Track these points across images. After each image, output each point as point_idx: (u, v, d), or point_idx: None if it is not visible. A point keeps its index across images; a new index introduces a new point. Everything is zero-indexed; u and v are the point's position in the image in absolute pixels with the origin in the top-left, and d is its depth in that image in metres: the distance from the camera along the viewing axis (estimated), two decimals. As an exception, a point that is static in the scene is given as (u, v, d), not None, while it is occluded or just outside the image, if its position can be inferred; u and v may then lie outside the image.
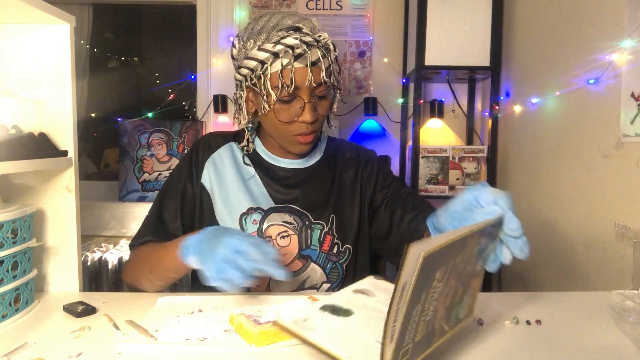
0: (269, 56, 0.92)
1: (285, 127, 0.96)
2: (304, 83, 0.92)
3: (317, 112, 0.96)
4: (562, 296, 0.94)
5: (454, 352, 0.67)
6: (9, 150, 0.77)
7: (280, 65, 0.91)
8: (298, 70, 0.91)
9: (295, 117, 0.94)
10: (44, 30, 0.91)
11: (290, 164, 1.06)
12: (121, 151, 2.16)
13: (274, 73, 0.92)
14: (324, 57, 0.94)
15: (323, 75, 0.93)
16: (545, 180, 1.61)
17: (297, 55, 0.91)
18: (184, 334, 0.70)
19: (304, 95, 0.93)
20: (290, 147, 1.00)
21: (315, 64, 0.92)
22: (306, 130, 0.96)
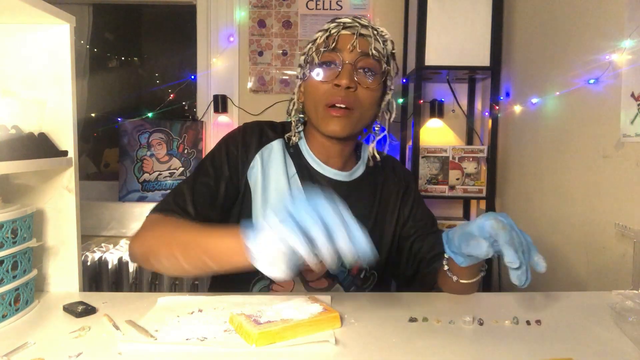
0: (321, 33, 0.94)
1: (322, 93, 0.91)
2: (347, 45, 0.90)
3: (356, 81, 0.91)
4: (562, 296, 0.94)
5: (453, 352, 0.67)
6: (9, 150, 0.77)
7: (328, 33, 0.92)
8: (343, 35, 0.91)
9: (331, 79, 0.91)
10: (44, 30, 0.91)
11: (335, 175, 1.00)
12: (121, 151, 2.16)
13: (321, 42, 0.93)
14: (377, 40, 0.92)
15: (372, 47, 0.91)
16: (545, 180, 1.61)
17: (346, 25, 0.91)
18: (184, 334, 0.70)
19: (344, 56, 0.91)
20: (323, 123, 0.93)
21: (364, 36, 0.91)
22: (339, 98, 0.90)
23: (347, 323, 0.76)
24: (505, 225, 0.72)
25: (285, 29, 2.33)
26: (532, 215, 1.71)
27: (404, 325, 0.76)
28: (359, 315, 0.79)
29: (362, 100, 0.92)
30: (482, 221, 0.74)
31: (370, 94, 0.93)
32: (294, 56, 2.35)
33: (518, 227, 0.75)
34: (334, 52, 0.91)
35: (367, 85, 0.92)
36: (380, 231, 1.02)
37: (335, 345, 0.67)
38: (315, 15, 2.31)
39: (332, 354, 0.66)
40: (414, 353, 0.66)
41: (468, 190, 2.03)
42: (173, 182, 2.16)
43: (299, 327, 0.69)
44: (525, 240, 0.74)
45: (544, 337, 0.72)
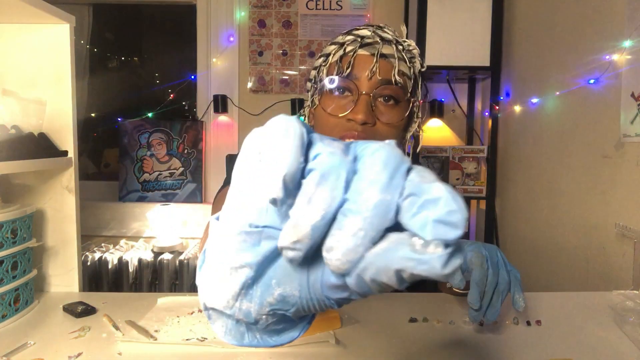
0: (335, 47, 0.78)
1: (333, 126, 0.77)
2: (365, 71, 0.74)
3: (375, 116, 0.75)
4: (562, 296, 0.94)
5: (453, 351, 0.67)
6: (9, 150, 0.77)
7: (343, 52, 0.76)
8: (361, 57, 0.75)
9: (345, 111, 0.75)
10: (44, 30, 0.91)
11: None
12: (121, 151, 2.16)
13: (334, 62, 0.77)
14: (402, 60, 0.76)
15: (395, 72, 0.75)
16: (545, 180, 1.61)
17: (364, 43, 0.75)
18: (184, 334, 0.70)
19: (361, 86, 0.75)
20: None
21: (385, 57, 0.75)
22: (354, 133, 0.74)
23: (347, 323, 0.76)
24: (483, 263, 0.65)
25: (285, 29, 2.33)
26: (532, 215, 1.71)
27: (404, 325, 0.76)
28: (359, 315, 0.79)
29: (382, 136, 0.76)
30: (466, 251, 0.68)
31: (391, 130, 0.77)
32: (294, 56, 2.35)
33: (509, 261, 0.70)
34: (350, 79, 0.75)
35: (388, 120, 0.76)
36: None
37: (335, 345, 0.67)
38: (315, 15, 2.31)
39: (332, 354, 0.66)
40: (414, 353, 0.66)
41: (468, 190, 2.03)
42: (173, 182, 2.16)
43: (299, 327, 0.69)
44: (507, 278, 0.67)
45: (544, 337, 0.72)
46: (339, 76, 0.76)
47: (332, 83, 0.76)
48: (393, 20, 2.27)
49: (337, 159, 0.22)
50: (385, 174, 0.23)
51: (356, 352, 0.66)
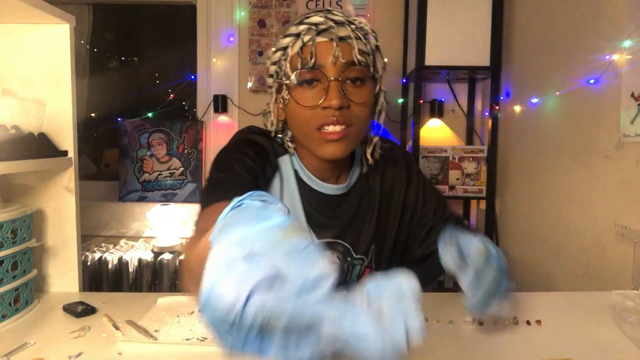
0: (291, 39, 0.78)
1: (309, 117, 0.78)
2: (328, 58, 0.75)
3: (348, 98, 0.77)
4: (562, 296, 0.94)
5: (453, 351, 0.67)
6: (9, 150, 0.77)
7: (301, 43, 0.77)
8: (321, 44, 0.76)
9: (318, 101, 0.76)
10: (44, 30, 0.91)
11: (334, 190, 0.88)
12: (121, 151, 2.16)
13: (295, 54, 0.78)
14: (358, 38, 0.78)
15: (355, 52, 0.77)
16: (545, 180, 1.61)
17: (320, 30, 0.76)
18: (184, 333, 0.70)
19: (328, 72, 0.76)
20: (318, 149, 0.80)
21: (343, 40, 0.76)
22: (333, 119, 0.76)
23: (347, 323, 0.76)
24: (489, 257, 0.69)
25: (285, 29, 2.33)
26: (532, 215, 1.71)
27: (404, 325, 0.76)
28: (359, 315, 0.79)
29: (358, 116, 0.79)
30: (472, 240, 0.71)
31: (365, 97, 0.80)
32: (294, 56, 2.35)
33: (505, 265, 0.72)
34: (316, 68, 0.76)
35: (361, 100, 0.79)
36: (382, 238, 0.93)
37: (335, 345, 0.67)
38: (315, 15, 2.30)
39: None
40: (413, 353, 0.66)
41: (468, 190, 2.03)
42: (173, 182, 2.16)
43: (299, 327, 0.69)
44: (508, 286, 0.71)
45: (544, 337, 0.72)
46: (305, 68, 0.76)
47: (301, 77, 0.77)
48: (393, 20, 2.27)
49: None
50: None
51: (356, 352, 0.66)
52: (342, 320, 0.34)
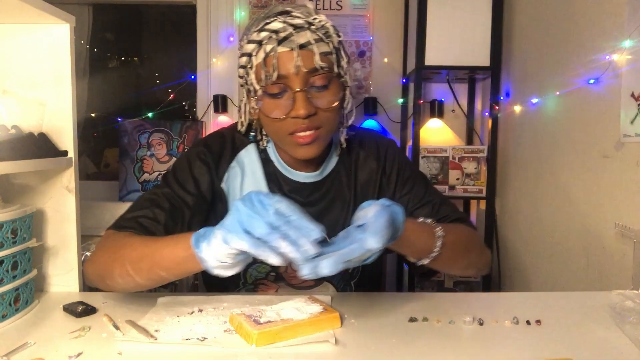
0: (254, 46, 0.80)
1: (279, 126, 0.81)
2: (290, 68, 0.77)
3: (314, 105, 0.79)
4: (562, 296, 0.94)
5: (453, 351, 0.67)
6: (9, 150, 0.77)
7: (264, 53, 0.78)
8: (282, 55, 0.77)
9: (287, 112, 0.79)
10: (44, 30, 0.91)
11: (306, 178, 0.92)
12: (121, 151, 2.16)
13: (258, 64, 0.79)
14: (320, 41, 0.79)
15: (317, 59, 0.78)
16: (545, 180, 1.61)
17: (281, 39, 0.77)
18: (184, 334, 0.70)
19: (293, 84, 0.78)
20: (292, 151, 0.85)
21: (304, 47, 0.77)
22: (302, 127, 0.79)
23: (347, 323, 0.76)
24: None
25: (285, 29, 2.33)
26: (532, 215, 1.71)
27: (404, 325, 0.76)
28: (359, 315, 0.79)
29: (327, 118, 0.82)
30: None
31: (331, 100, 0.81)
32: (294, 56, 2.35)
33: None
34: (280, 80, 0.78)
35: (327, 105, 0.81)
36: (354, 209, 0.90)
37: (335, 345, 0.67)
38: (315, 15, 2.30)
39: (332, 354, 0.66)
40: (414, 353, 0.66)
41: (468, 190, 2.03)
42: (173, 182, 2.15)
43: (299, 327, 0.69)
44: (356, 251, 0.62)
45: (544, 337, 0.72)
46: (268, 84, 0.78)
47: (267, 90, 0.80)
48: (393, 21, 2.27)
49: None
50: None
51: (356, 352, 0.66)
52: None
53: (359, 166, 0.95)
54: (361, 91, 2.33)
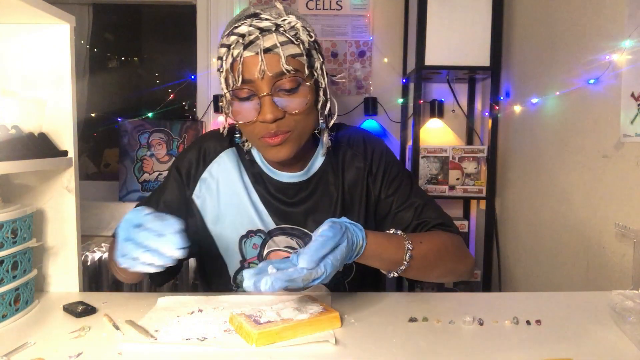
0: (225, 50, 0.80)
1: (250, 129, 0.82)
2: (254, 73, 0.77)
3: (282, 109, 0.79)
4: (562, 296, 0.94)
5: (453, 352, 0.67)
6: (9, 150, 0.77)
7: (231, 58, 0.78)
8: (247, 60, 0.77)
9: (254, 116, 0.79)
10: (44, 30, 0.91)
11: (291, 178, 0.92)
12: (121, 151, 2.16)
13: (227, 70, 0.80)
14: (288, 43, 0.78)
15: (283, 62, 0.77)
16: (545, 180, 1.61)
17: (247, 43, 0.77)
18: (184, 334, 0.70)
19: (258, 88, 0.78)
20: (263, 153, 0.86)
21: (269, 51, 0.77)
22: (270, 131, 0.79)
23: (347, 323, 0.76)
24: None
25: (285, 29, 2.33)
26: (532, 215, 1.71)
27: (404, 325, 0.76)
28: (359, 315, 0.79)
29: (297, 121, 0.81)
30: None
31: (300, 104, 0.80)
32: (294, 56, 2.34)
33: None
34: (247, 85, 0.78)
35: (296, 109, 0.80)
36: (349, 211, 0.93)
37: (335, 345, 0.67)
38: (315, 16, 2.30)
39: (332, 354, 0.66)
40: (414, 353, 0.66)
41: (468, 190, 2.03)
42: (173, 182, 2.15)
43: (299, 327, 0.69)
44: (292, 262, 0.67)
45: (544, 337, 0.72)
46: (235, 89, 0.79)
47: (235, 94, 0.80)
48: (393, 20, 2.27)
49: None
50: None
51: (356, 352, 0.66)
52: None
53: (346, 165, 0.94)
54: (361, 91, 2.33)
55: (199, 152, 0.96)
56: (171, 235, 0.64)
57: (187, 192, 0.94)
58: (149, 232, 0.64)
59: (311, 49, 0.83)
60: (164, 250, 0.64)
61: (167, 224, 0.65)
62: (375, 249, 0.75)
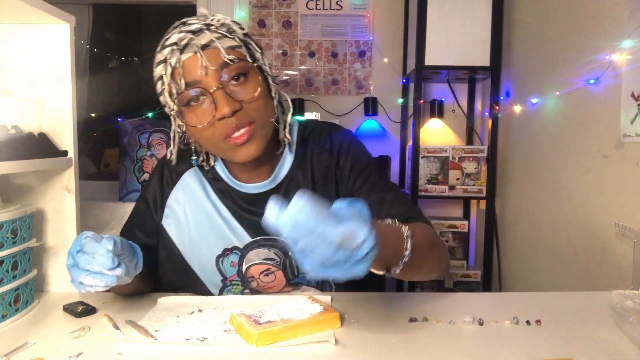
0: (161, 67, 0.77)
1: (211, 133, 0.77)
2: (197, 70, 0.74)
3: (237, 100, 0.76)
4: (562, 296, 0.94)
5: (453, 352, 0.67)
6: (9, 150, 0.77)
7: (170, 68, 0.76)
8: (187, 61, 0.75)
9: (211, 116, 0.75)
10: (44, 30, 0.91)
11: (258, 188, 0.88)
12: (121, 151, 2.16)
13: (169, 82, 0.77)
14: (222, 37, 0.76)
15: (223, 53, 0.75)
16: (545, 180, 1.61)
17: (182, 47, 0.75)
18: (184, 334, 0.70)
19: (206, 85, 0.75)
20: (232, 156, 0.80)
21: (207, 47, 0.75)
22: (233, 126, 0.75)
23: (347, 323, 0.76)
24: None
25: (285, 29, 2.33)
26: (532, 215, 1.71)
27: (404, 325, 0.76)
28: (359, 315, 0.79)
29: (256, 110, 0.78)
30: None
31: (253, 89, 0.77)
32: (294, 56, 2.35)
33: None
34: (192, 87, 0.75)
35: (251, 95, 0.77)
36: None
37: (335, 345, 0.67)
38: (315, 16, 2.30)
39: (332, 354, 0.66)
40: (414, 353, 0.66)
41: (468, 190, 2.03)
42: (173, 182, 2.16)
43: (299, 327, 0.69)
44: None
45: (544, 337, 0.72)
46: (181, 93, 0.76)
47: (182, 100, 0.77)
48: (393, 21, 2.27)
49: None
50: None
51: (356, 352, 0.66)
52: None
53: (314, 163, 0.90)
54: (361, 91, 2.33)
55: (160, 178, 0.94)
56: (100, 257, 0.65)
57: (156, 218, 0.93)
58: (88, 255, 0.66)
59: (247, 40, 0.81)
60: (104, 271, 0.66)
61: (99, 245, 0.66)
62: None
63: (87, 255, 0.66)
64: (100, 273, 0.66)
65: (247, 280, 0.90)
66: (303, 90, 2.35)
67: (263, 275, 0.89)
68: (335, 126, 0.96)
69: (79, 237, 0.69)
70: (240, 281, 0.90)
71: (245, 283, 0.90)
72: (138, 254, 0.76)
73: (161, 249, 0.93)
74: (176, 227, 0.91)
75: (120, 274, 0.67)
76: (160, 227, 0.92)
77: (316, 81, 2.35)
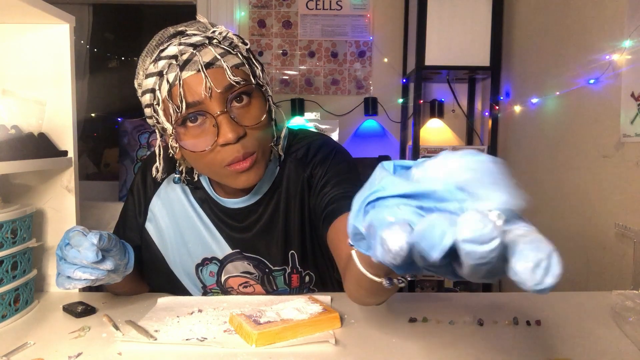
0: (155, 79, 0.71)
1: (211, 158, 0.71)
2: (200, 94, 0.68)
3: (241, 124, 0.70)
4: (562, 296, 0.94)
5: (453, 351, 0.67)
6: (9, 150, 0.77)
7: (167, 84, 0.69)
8: (188, 81, 0.68)
9: (212, 141, 0.70)
10: (44, 30, 0.91)
11: (236, 204, 0.84)
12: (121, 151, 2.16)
13: (165, 99, 0.70)
14: (227, 54, 0.71)
15: (229, 74, 0.69)
16: (545, 180, 1.61)
17: (183, 63, 0.68)
18: (184, 334, 0.70)
19: (210, 108, 0.69)
20: (231, 182, 0.75)
21: (211, 65, 0.69)
22: (238, 155, 0.70)
23: (347, 323, 0.76)
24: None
25: (285, 29, 2.33)
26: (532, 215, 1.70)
27: (404, 325, 0.76)
28: (359, 315, 0.79)
29: (259, 136, 0.73)
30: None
31: (256, 115, 0.73)
32: (294, 56, 2.35)
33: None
34: (194, 110, 0.69)
35: (255, 120, 0.72)
36: (302, 240, 0.85)
37: (335, 345, 0.67)
38: (315, 16, 2.31)
39: (332, 354, 0.66)
40: (414, 353, 0.66)
41: (468, 190, 2.02)
42: (173, 182, 2.16)
43: (299, 328, 0.69)
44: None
45: (544, 337, 0.72)
46: (182, 117, 0.70)
47: (182, 122, 0.71)
48: (393, 21, 2.27)
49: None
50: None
51: (356, 352, 0.66)
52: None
53: (291, 177, 0.85)
54: (361, 91, 2.33)
55: (144, 181, 0.92)
56: (84, 250, 0.65)
57: (140, 220, 0.91)
58: (74, 249, 0.66)
59: (249, 57, 0.76)
60: (91, 265, 0.66)
61: (84, 239, 0.65)
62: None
63: (74, 249, 0.66)
64: (89, 267, 0.66)
65: (226, 290, 0.90)
66: (303, 90, 2.35)
67: (242, 287, 0.89)
68: (315, 133, 0.92)
69: (67, 231, 0.69)
70: (219, 290, 0.90)
71: (224, 292, 0.91)
72: (130, 253, 0.75)
73: (144, 252, 0.91)
74: (158, 232, 0.90)
75: (109, 269, 0.67)
76: (144, 230, 0.90)
77: (316, 81, 2.35)
